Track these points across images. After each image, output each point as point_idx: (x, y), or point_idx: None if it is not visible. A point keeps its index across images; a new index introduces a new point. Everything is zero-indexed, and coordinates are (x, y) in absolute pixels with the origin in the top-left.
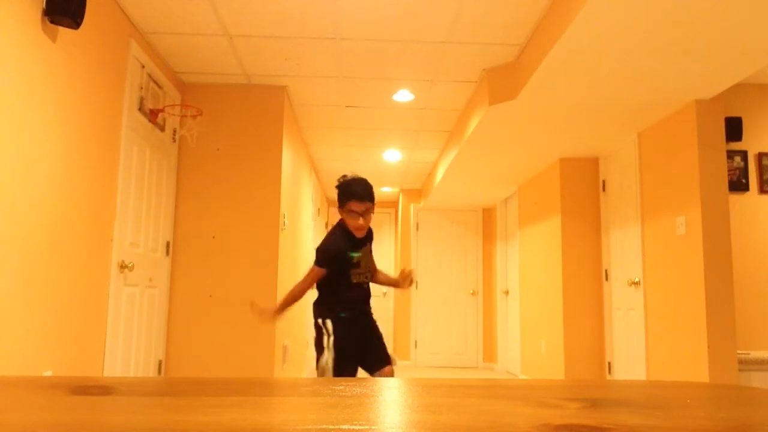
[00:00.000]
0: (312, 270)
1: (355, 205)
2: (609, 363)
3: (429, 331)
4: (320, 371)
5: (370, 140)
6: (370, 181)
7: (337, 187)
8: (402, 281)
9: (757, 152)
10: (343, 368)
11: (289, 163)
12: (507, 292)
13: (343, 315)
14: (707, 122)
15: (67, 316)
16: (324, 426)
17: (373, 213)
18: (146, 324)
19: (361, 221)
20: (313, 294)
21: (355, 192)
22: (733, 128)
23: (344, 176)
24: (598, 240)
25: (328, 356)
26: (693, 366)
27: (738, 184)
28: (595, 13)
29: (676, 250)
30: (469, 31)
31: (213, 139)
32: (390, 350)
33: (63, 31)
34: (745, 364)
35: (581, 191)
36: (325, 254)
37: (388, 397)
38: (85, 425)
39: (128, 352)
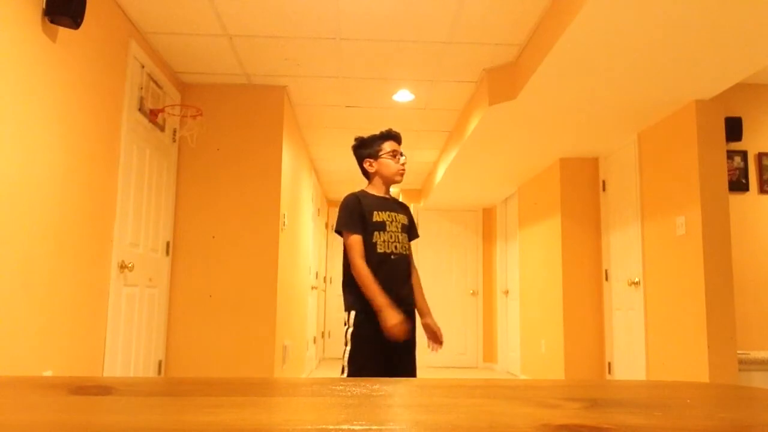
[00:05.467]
0: (347, 241)
1: (394, 145)
2: (609, 363)
3: None
4: (342, 369)
5: None
6: None
7: (362, 139)
8: (429, 333)
9: (757, 152)
10: (364, 363)
11: (289, 163)
12: (507, 292)
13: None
14: (707, 122)
15: (67, 316)
16: (324, 426)
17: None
18: (146, 324)
19: (402, 163)
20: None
21: (392, 133)
22: (733, 128)
23: (360, 137)
24: (598, 240)
25: (346, 349)
26: (693, 366)
27: (738, 184)
28: (595, 14)
29: (676, 250)
30: (469, 31)
31: (213, 139)
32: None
33: (63, 31)
34: (745, 364)
35: (581, 191)
36: (347, 211)
37: (388, 397)
38: (85, 425)
39: (128, 352)
